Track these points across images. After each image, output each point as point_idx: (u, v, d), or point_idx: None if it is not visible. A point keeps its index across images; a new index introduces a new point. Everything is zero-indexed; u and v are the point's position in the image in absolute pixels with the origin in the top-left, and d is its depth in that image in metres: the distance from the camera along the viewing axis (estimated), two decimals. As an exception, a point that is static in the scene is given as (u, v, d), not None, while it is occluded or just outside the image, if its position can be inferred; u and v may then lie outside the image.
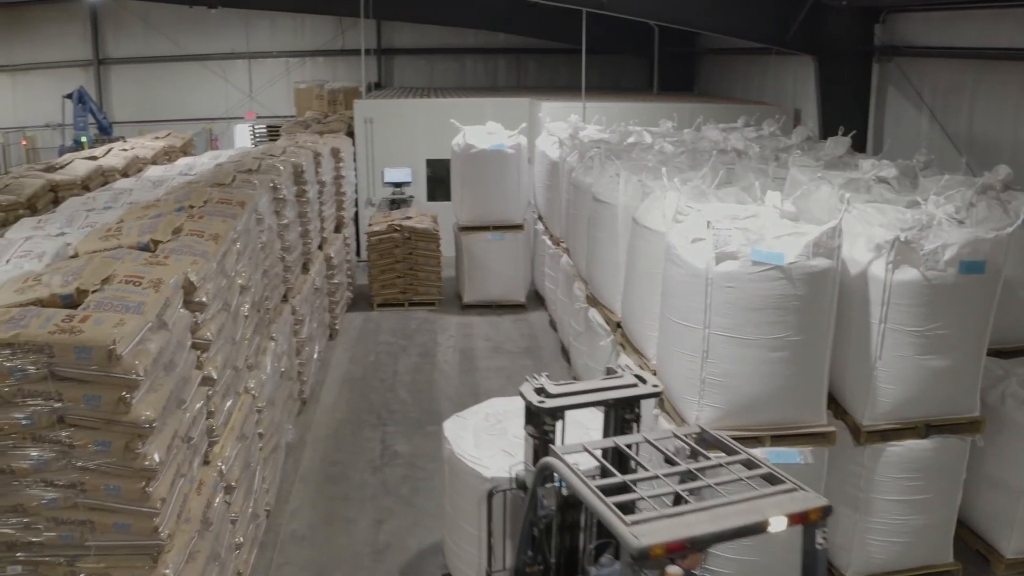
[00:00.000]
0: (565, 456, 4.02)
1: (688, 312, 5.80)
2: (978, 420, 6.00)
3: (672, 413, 6.07)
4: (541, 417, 4.67)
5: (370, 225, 13.31)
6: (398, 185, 15.62)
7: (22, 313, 4.33)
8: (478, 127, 12.70)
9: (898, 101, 12.30)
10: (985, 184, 6.78)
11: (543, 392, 4.73)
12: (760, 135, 11.27)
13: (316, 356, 10.29)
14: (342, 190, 12.95)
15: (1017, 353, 6.73)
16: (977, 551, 6.54)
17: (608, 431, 4.90)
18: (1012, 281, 6.25)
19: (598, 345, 8.44)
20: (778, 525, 3.52)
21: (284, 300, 8.89)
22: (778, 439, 5.67)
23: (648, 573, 3.39)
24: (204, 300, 5.36)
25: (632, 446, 4.35)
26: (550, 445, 4.58)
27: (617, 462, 4.27)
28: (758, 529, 3.52)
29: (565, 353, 10.79)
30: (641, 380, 4.93)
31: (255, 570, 6.43)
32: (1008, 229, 5.76)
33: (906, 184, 7.39)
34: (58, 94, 21.23)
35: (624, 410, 4.85)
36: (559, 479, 4.12)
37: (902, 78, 12.03)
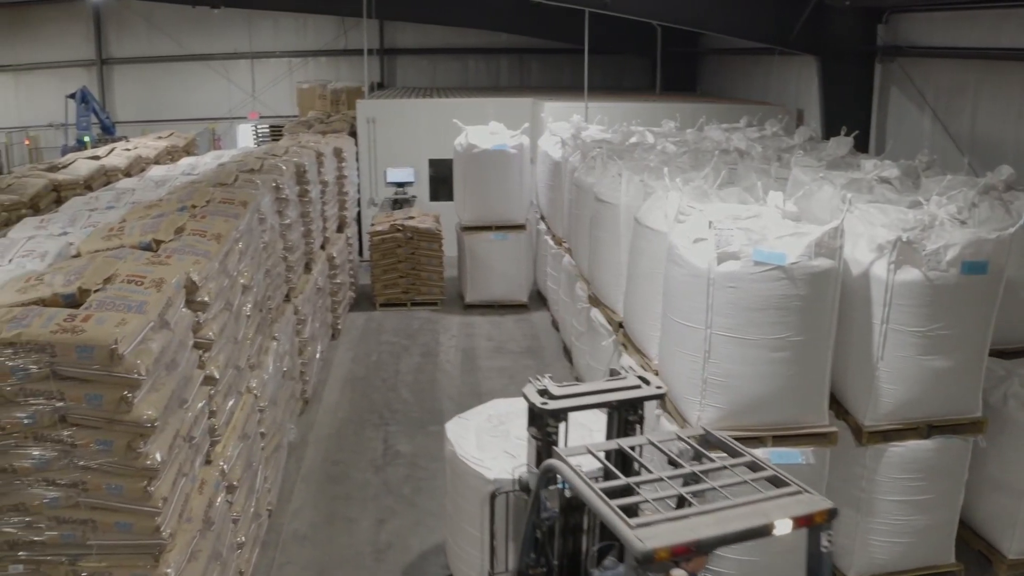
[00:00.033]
0: (568, 458, 3.99)
1: (690, 312, 5.80)
2: (980, 421, 6.00)
3: (674, 413, 6.07)
4: (544, 419, 4.65)
5: (372, 225, 13.32)
6: (400, 185, 15.63)
7: (24, 312, 4.33)
8: (481, 127, 12.71)
9: (901, 101, 12.29)
10: (987, 184, 6.77)
11: (546, 394, 4.71)
12: (763, 135, 11.25)
13: (318, 356, 10.29)
14: (345, 190, 12.97)
15: (1019, 354, 6.70)
16: (979, 552, 6.53)
17: (611, 433, 4.88)
18: (1014, 282, 6.23)
19: (600, 345, 8.44)
20: (783, 528, 3.49)
21: (286, 300, 8.89)
22: (780, 439, 5.66)
23: None
24: (206, 300, 5.37)
25: (636, 448, 4.34)
26: (553, 447, 4.55)
27: (620, 464, 4.25)
28: (763, 532, 3.49)
29: (567, 353, 10.78)
30: (644, 382, 4.90)
31: (257, 569, 6.44)
32: (1010, 229, 5.75)
33: (908, 184, 7.37)
34: (61, 94, 21.28)
35: (627, 412, 4.82)
36: (562, 481, 4.10)
37: (905, 78, 12.02)
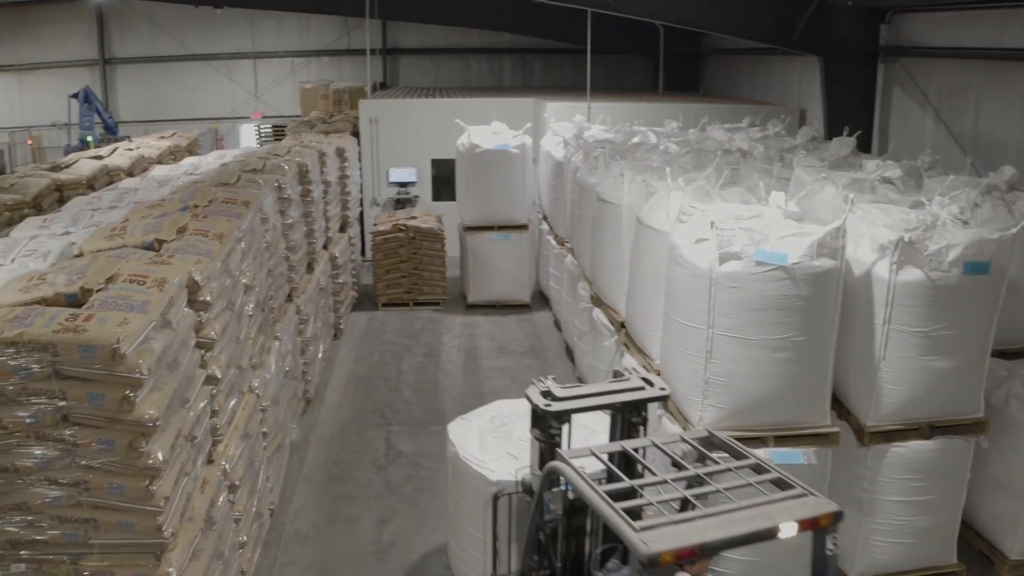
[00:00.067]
0: (572, 460, 3.98)
1: (692, 312, 5.79)
2: (982, 421, 5.99)
3: (676, 413, 6.07)
4: (547, 420, 4.63)
5: (375, 225, 13.32)
6: (403, 185, 15.64)
7: (26, 312, 4.34)
8: (483, 127, 12.71)
9: (903, 101, 12.28)
10: (990, 185, 6.76)
11: (549, 395, 4.69)
12: (765, 135, 11.25)
13: (320, 355, 10.30)
14: (347, 190, 12.98)
15: (1021, 354, 6.68)
16: (981, 552, 6.52)
17: (615, 434, 4.87)
18: (1016, 282, 6.23)
19: (602, 345, 8.43)
20: (789, 531, 3.47)
21: (289, 299, 8.90)
22: (782, 440, 5.66)
23: None
24: (208, 299, 5.37)
25: (639, 450, 4.32)
26: (556, 449, 4.53)
27: (624, 466, 4.24)
28: (768, 535, 3.47)
29: (569, 353, 10.78)
30: (648, 383, 4.89)
31: (259, 569, 6.44)
32: (1013, 230, 5.74)
33: (911, 184, 7.37)
34: (64, 94, 21.28)
35: (631, 413, 4.81)
36: (565, 483, 4.08)
37: (907, 78, 12.01)
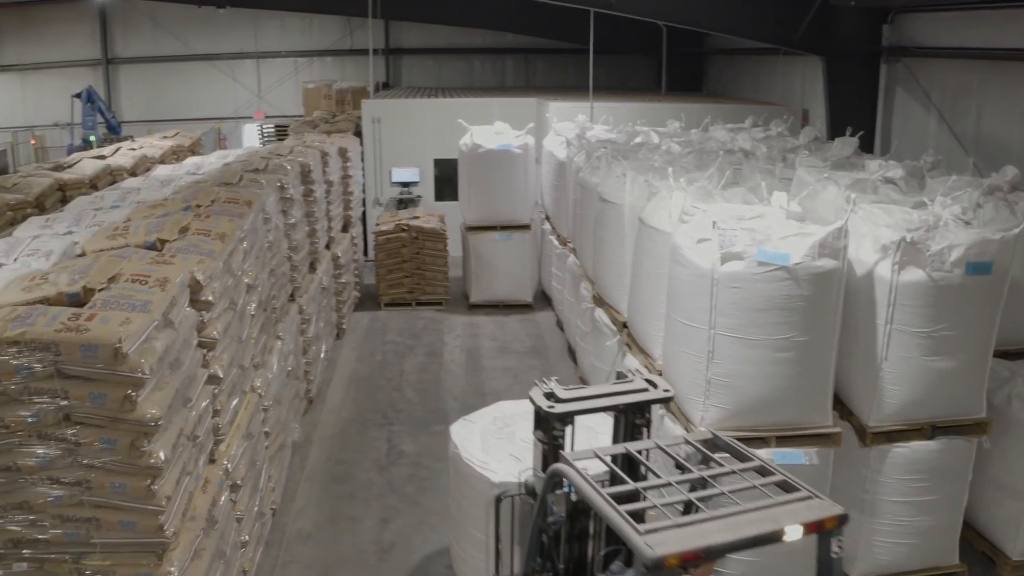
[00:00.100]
0: (575, 462, 3.96)
1: (693, 312, 5.79)
2: (984, 421, 5.99)
3: (677, 414, 6.07)
4: (550, 422, 4.62)
5: (377, 225, 13.33)
6: (405, 185, 15.65)
7: (29, 311, 4.35)
8: (486, 127, 12.71)
9: (906, 102, 12.26)
10: (992, 185, 6.76)
11: (552, 397, 4.68)
12: (767, 135, 11.24)
13: (323, 355, 10.30)
14: (349, 189, 12.98)
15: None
16: (983, 553, 6.52)
17: (618, 436, 4.85)
18: (1019, 282, 6.22)
19: (604, 345, 8.43)
20: (794, 534, 3.46)
21: (291, 299, 8.90)
22: (783, 440, 5.66)
23: None
24: (210, 299, 5.38)
25: (643, 452, 4.31)
26: (559, 451, 4.53)
27: (627, 468, 4.23)
28: (773, 538, 3.46)
29: (571, 353, 10.78)
30: (652, 385, 4.88)
31: (260, 568, 6.45)
32: (1015, 230, 5.74)
33: (913, 185, 7.36)
34: (67, 93, 21.28)
35: (634, 415, 4.80)
36: (569, 485, 4.06)
37: (910, 79, 11.99)
